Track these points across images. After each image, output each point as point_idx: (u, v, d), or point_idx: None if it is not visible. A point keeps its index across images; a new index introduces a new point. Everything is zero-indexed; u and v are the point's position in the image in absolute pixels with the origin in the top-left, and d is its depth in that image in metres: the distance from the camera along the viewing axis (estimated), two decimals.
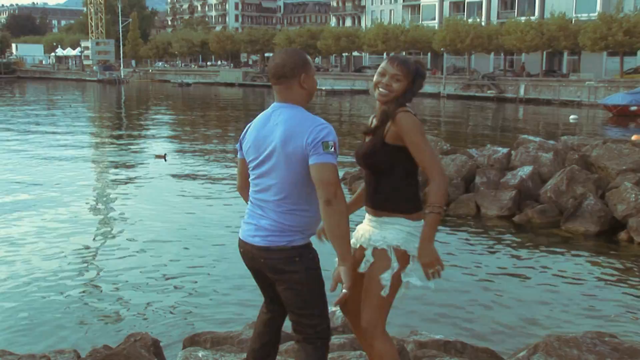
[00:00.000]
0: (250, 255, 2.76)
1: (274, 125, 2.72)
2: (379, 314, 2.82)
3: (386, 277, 2.80)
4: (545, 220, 8.85)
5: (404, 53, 65.80)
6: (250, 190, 2.82)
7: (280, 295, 2.77)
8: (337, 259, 2.63)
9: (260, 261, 2.74)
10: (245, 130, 2.84)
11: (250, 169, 2.80)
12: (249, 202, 2.83)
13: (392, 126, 2.84)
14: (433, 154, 2.84)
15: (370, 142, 2.93)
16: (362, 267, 2.90)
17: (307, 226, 2.73)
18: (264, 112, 2.80)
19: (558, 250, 7.73)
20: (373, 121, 2.97)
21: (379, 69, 2.91)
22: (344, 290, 2.57)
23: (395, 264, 2.80)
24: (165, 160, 14.12)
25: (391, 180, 2.92)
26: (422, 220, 2.88)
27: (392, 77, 2.87)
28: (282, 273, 2.70)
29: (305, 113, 2.70)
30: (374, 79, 2.95)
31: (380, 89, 2.89)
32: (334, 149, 2.58)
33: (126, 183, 11.55)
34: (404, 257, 2.83)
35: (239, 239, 2.80)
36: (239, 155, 2.88)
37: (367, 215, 3.12)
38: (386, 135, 2.84)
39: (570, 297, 6.01)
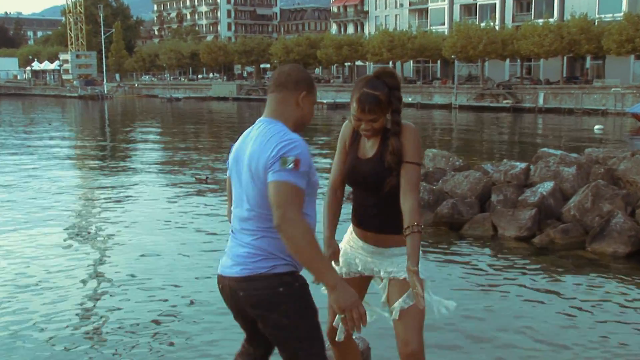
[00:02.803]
0: (228, 290, 2.70)
1: (249, 140, 2.70)
2: (421, 334, 2.99)
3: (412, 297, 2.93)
4: (569, 241, 8.77)
5: (411, 62, 66.28)
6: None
7: (263, 335, 2.71)
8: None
9: (239, 295, 2.66)
10: (231, 146, 2.84)
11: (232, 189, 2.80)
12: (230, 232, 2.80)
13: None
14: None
15: (380, 163, 2.98)
16: (383, 298, 3.08)
17: (284, 254, 2.63)
18: (251, 127, 2.79)
19: (584, 273, 7.65)
20: (366, 142, 3.09)
21: (353, 113, 2.98)
22: (338, 320, 2.58)
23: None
24: (207, 182, 14.06)
25: (395, 201, 2.97)
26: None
27: (368, 123, 2.96)
28: (264, 308, 2.61)
29: (282, 128, 2.64)
30: (352, 120, 3.03)
31: (364, 132, 3.01)
32: (295, 165, 2.50)
33: (111, 209, 11.50)
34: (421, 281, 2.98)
35: (218, 274, 2.76)
36: (227, 174, 2.88)
37: (358, 239, 3.16)
38: (405, 153, 2.93)
39: (599, 326, 5.92)
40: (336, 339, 3.16)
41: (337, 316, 3.13)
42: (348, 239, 3.26)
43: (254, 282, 2.61)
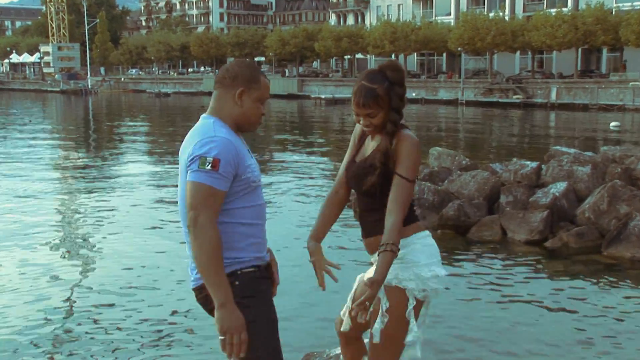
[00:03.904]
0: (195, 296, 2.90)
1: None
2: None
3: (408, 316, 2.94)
4: (583, 245, 8.74)
5: (415, 55, 66.34)
6: None
7: None
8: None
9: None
10: None
11: None
12: None
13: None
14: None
15: (368, 168, 2.99)
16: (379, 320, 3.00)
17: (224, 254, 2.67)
18: None
19: (600, 279, 7.61)
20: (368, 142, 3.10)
21: (353, 107, 2.99)
22: (221, 338, 2.58)
23: (413, 300, 2.93)
24: None
25: (384, 205, 2.97)
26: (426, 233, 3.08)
27: (366, 118, 2.95)
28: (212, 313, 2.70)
29: (210, 125, 2.69)
30: (353, 117, 3.05)
31: (364, 128, 3.02)
32: (213, 166, 2.54)
33: (95, 215, 11.44)
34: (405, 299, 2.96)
35: None
36: None
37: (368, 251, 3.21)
38: (395, 163, 2.91)
39: (616, 334, 5.88)
40: (341, 329, 3.21)
41: (344, 308, 3.20)
42: None
43: (197, 292, 2.74)
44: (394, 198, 2.85)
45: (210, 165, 2.53)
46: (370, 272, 2.98)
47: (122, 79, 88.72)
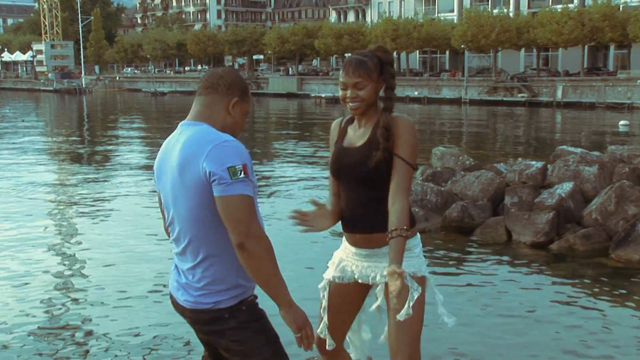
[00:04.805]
0: (180, 309, 2.76)
1: (173, 147, 2.63)
2: (418, 347, 3.07)
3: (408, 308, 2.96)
4: (591, 247, 8.71)
5: (417, 53, 66.39)
6: None
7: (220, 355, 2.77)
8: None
9: (187, 318, 2.75)
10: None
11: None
12: None
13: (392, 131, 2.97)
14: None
15: (369, 152, 2.98)
16: (379, 302, 3.07)
17: (232, 280, 2.62)
18: (172, 134, 2.72)
19: (608, 283, 7.59)
20: (358, 130, 3.12)
21: (340, 81, 3.05)
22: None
23: (415, 293, 2.98)
24: None
25: (384, 195, 2.97)
26: (417, 234, 3.15)
27: (354, 87, 2.98)
28: (213, 334, 2.68)
29: (209, 130, 2.57)
30: (339, 93, 3.09)
31: (350, 104, 3.02)
32: (244, 172, 2.44)
33: (91, 220, 11.41)
34: (422, 281, 3.06)
35: (170, 292, 2.82)
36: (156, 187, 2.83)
37: (350, 246, 3.18)
38: (394, 145, 2.93)
39: (625, 339, 5.85)
40: (327, 347, 3.24)
41: (321, 325, 3.25)
42: (342, 247, 3.27)
43: (198, 313, 2.66)
44: (399, 182, 2.88)
45: (242, 173, 2.43)
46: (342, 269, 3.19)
47: (117, 78, 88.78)
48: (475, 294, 7.12)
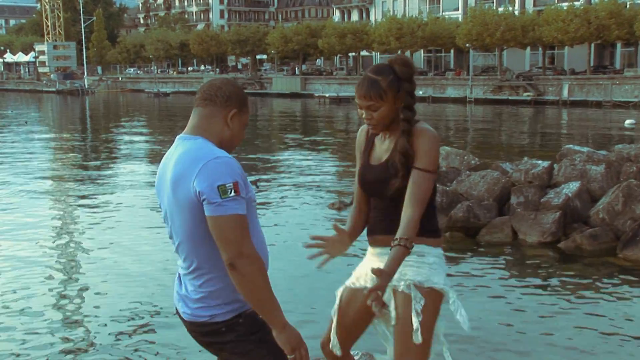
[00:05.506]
0: (182, 320, 2.81)
1: (169, 162, 2.63)
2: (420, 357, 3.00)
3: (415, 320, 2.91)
4: (598, 247, 8.70)
5: (422, 52, 66.34)
6: None
7: None
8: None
9: (188, 330, 2.79)
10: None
11: None
12: None
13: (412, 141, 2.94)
14: None
15: (389, 174, 2.96)
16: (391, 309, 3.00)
17: (228, 296, 2.62)
18: (170, 148, 2.72)
19: (615, 283, 7.57)
20: (380, 145, 3.07)
21: (356, 99, 2.98)
22: (291, 357, 2.63)
23: (418, 305, 2.90)
24: (257, 187, 13.91)
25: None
26: (439, 247, 3.10)
27: (368, 109, 2.93)
28: (212, 346, 2.73)
29: (203, 144, 2.55)
30: (357, 111, 3.05)
31: (366, 122, 3.00)
32: (235, 191, 2.41)
33: (92, 223, 11.42)
34: (431, 293, 2.95)
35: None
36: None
37: (371, 247, 3.19)
38: (417, 158, 2.89)
39: (633, 340, 5.85)
40: (329, 347, 3.20)
41: (331, 329, 3.20)
42: (365, 257, 3.26)
43: (196, 326, 2.69)
44: (413, 192, 2.84)
45: (232, 191, 2.40)
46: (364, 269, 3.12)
47: (120, 79, 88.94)
48: (482, 294, 7.10)
